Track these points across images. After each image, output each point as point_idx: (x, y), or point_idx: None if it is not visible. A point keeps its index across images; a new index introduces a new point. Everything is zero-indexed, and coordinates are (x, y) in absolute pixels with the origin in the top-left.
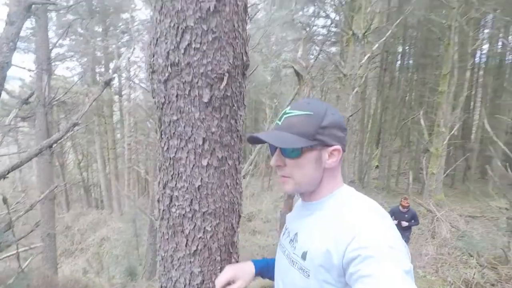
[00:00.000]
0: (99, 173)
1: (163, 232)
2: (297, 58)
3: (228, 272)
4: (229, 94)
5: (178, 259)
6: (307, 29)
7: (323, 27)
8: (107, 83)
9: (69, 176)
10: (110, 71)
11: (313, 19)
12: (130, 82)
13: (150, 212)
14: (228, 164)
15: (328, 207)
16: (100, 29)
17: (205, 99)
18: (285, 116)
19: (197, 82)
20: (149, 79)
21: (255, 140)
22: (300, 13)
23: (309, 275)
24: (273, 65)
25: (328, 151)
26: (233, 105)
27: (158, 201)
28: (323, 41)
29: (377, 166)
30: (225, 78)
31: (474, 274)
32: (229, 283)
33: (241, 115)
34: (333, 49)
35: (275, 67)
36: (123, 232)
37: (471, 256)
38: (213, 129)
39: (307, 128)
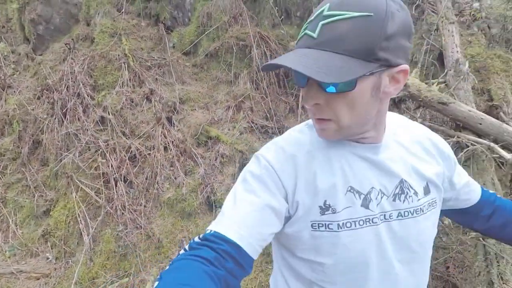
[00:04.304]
0: None
1: None
2: None
3: None
4: None
5: None
6: None
7: None
8: None
9: None
10: None
11: None
12: None
13: None
14: None
15: (399, 136)
16: None
17: None
18: (324, 22)
19: None
20: None
21: (272, 67)
22: None
23: (436, 203)
24: None
25: (391, 73)
26: None
27: None
28: None
29: None
30: None
31: None
32: None
33: None
34: None
35: None
36: None
37: None
38: None
39: (366, 41)
